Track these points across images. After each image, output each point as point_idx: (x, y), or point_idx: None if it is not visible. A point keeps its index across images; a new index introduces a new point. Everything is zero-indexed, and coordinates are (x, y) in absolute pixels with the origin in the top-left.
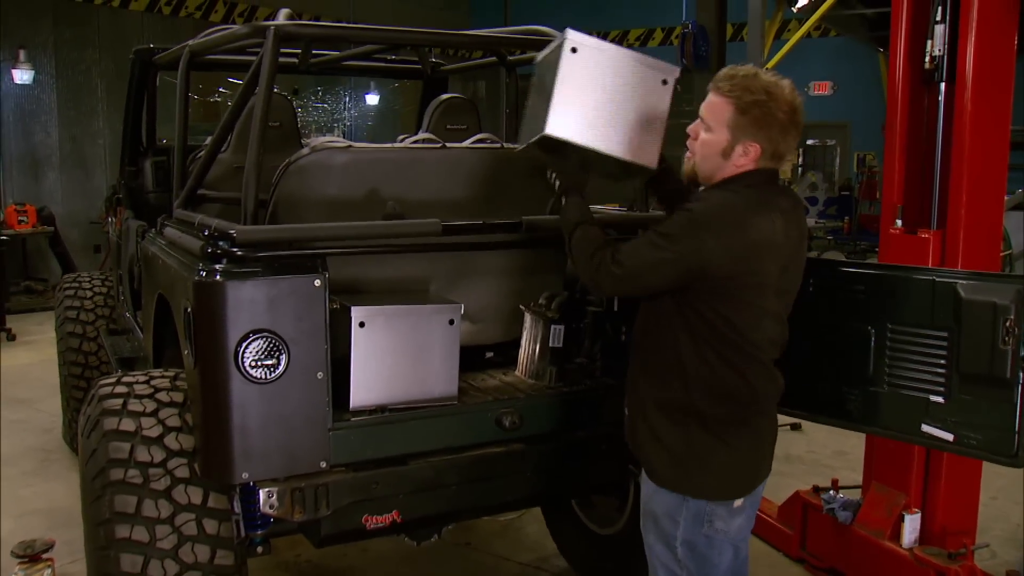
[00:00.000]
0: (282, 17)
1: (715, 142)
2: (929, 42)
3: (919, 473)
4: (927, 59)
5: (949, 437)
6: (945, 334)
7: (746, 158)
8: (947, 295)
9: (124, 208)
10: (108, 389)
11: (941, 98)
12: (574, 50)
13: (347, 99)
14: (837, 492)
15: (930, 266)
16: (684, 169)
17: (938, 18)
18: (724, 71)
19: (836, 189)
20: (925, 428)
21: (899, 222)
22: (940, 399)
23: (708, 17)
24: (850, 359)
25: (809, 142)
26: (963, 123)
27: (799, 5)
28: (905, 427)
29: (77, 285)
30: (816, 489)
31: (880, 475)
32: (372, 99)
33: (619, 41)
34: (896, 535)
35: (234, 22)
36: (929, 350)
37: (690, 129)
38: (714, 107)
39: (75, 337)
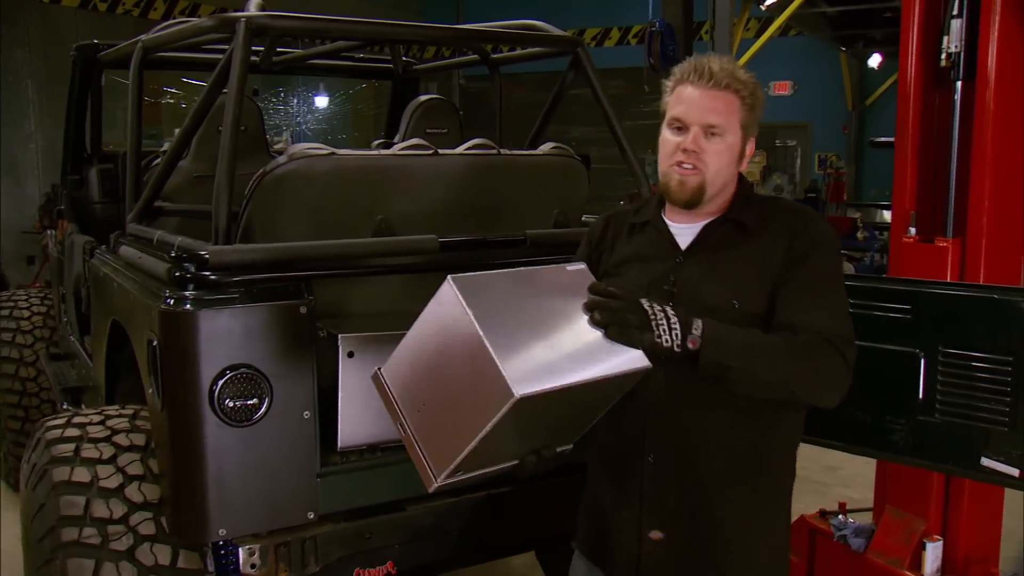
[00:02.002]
0: (253, 8)
1: (734, 146)
2: (945, 38)
3: (939, 497)
4: (943, 56)
5: (1014, 472)
6: (1010, 359)
7: (746, 159)
8: (1011, 315)
9: (67, 221)
10: (57, 432)
11: (957, 97)
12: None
13: (297, 101)
14: (846, 516)
15: (949, 278)
16: (679, 191)
17: (955, 12)
18: (707, 64)
19: (802, 191)
20: (985, 462)
21: (912, 230)
22: (1003, 430)
23: (675, 15)
24: (895, 386)
25: (776, 143)
26: (984, 123)
27: (767, 3)
28: (961, 461)
29: (12, 304)
30: (823, 513)
31: (896, 499)
32: (322, 101)
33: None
34: (916, 564)
35: (174, 19)
36: (990, 376)
37: (692, 144)
38: (723, 108)
39: (10, 362)
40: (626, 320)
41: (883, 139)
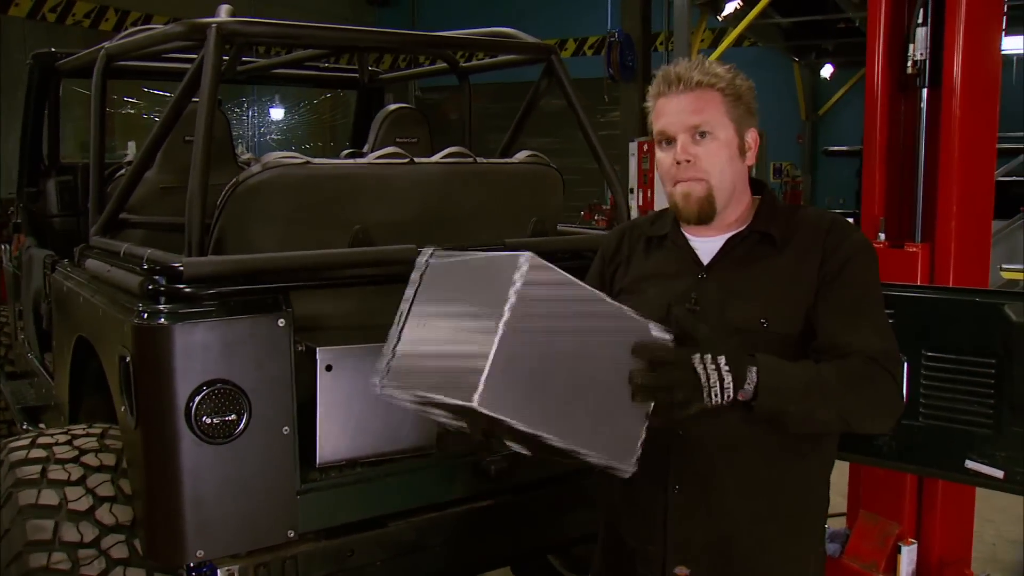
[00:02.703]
0: (224, 14)
1: (729, 142)
2: (911, 46)
3: (912, 500)
4: (909, 64)
5: (999, 474)
6: (992, 360)
7: (752, 152)
8: (993, 318)
9: (24, 234)
10: (21, 454)
11: (923, 104)
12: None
13: (252, 111)
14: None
15: (919, 282)
16: (686, 205)
17: (920, 20)
18: (676, 69)
19: None
20: (970, 464)
21: (882, 235)
22: (987, 432)
23: (634, 26)
24: None
25: None
26: (951, 130)
27: (724, 14)
28: (946, 464)
29: None
30: None
31: (869, 503)
32: (277, 113)
33: None
34: (891, 568)
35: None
36: (973, 379)
37: (682, 155)
38: (702, 106)
39: None
40: (671, 396)
41: (837, 148)
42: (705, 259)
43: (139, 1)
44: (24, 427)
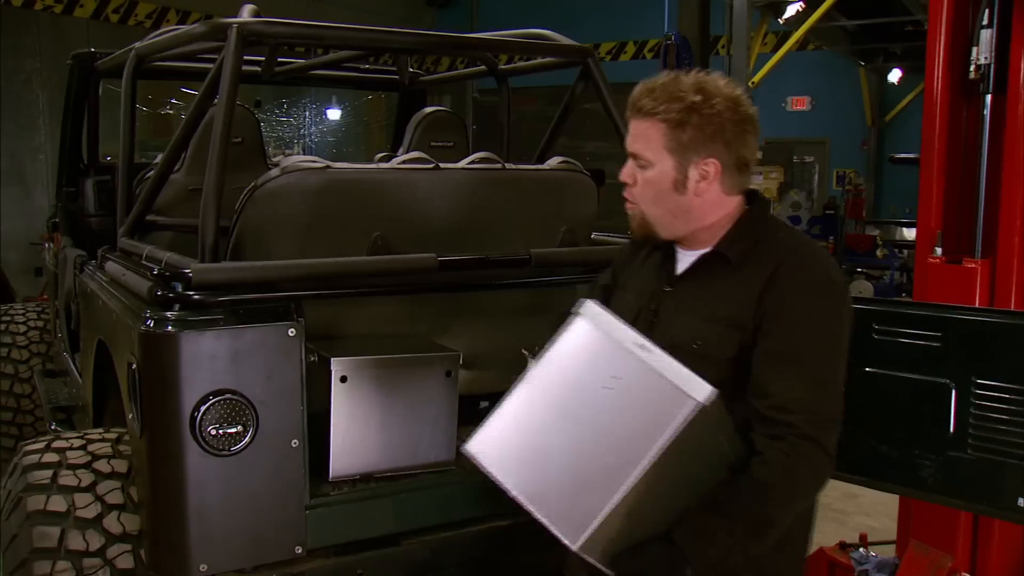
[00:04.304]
0: (247, 14)
1: (660, 177)
2: (974, 49)
3: (967, 531)
4: (972, 68)
5: None
6: None
7: (707, 182)
8: None
9: (61, 234)
10: (35, 457)
11: (987, 111)
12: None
13: (308, 113)
14: (867, 549)
15: (978, 302)
16: (632, 227)
17: (985, 22)
18: (637, 89)
19: (820, 208)
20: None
21: (939, 250)
22: None
23: (691, 28)
24: (923, 419)
25: (795, 159)
26: (1016, 138)
27: (786, 16)
28: (996, 501)
29: (9, 319)
30: (843, 546)
31: (920, 532)
32: (334, 113)
33: None
34: None
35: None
36: None
37: (624, 177)
38: (642, 135)
39: (5, 378)
40: None
41: (904, 155)
42: (679, 272)
43: (200, 2)
44: (53, 427)
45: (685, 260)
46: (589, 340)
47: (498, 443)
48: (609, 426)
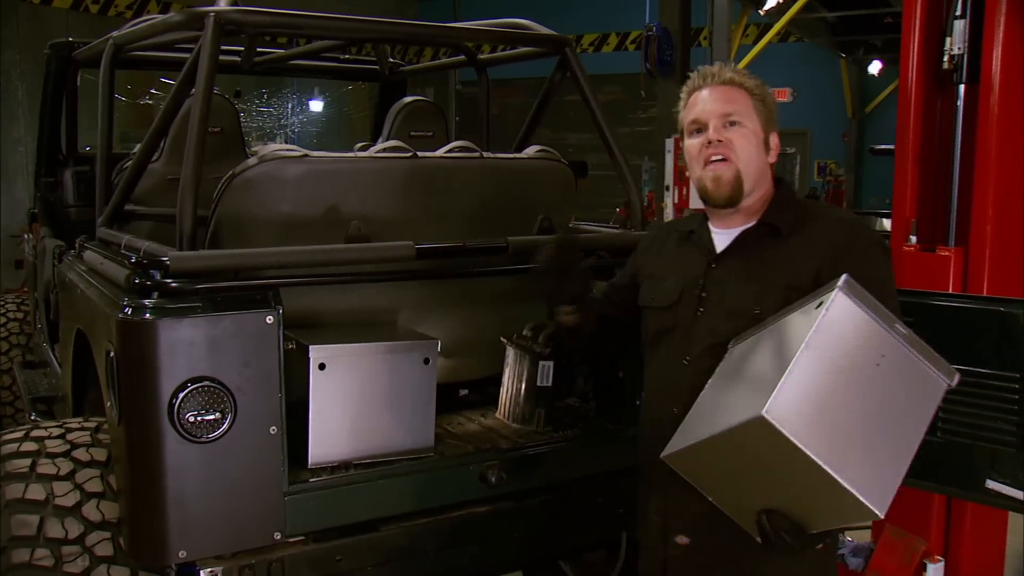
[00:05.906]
0: (224, 2)
1: (754, 135)
2: (947, 40)
3: (940, 516)
4: (945, 59)
5: (1021, 495)
6: (1017, 375)
7: (775, 151)
8: (1019, 330)
9: (40, 224)
10: (13, 446)
11: (960, 101)
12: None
13: (291, 104)
14: (844, 535)
15: (951, 289)
16: (717, 188)
17: (958, 12)
18: (709, 67)
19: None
20: (990, 485)
21: (913, 238)
22: (1010, 451)
23: (672, 20)
24: None
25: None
26: (989, 128)
27: (766, 8)
28: (965, 483)
29: None
30: None
31: (895, 517)
32: (316, 104)
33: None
34: None
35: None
36: (997, 394)
37: (714, 135)
38: (732, 99)
39: None
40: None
41: (883, 147)
42: (720, 249)
43: None
44: (33, 417)
45: (724, 238)
46: (855, 316)
47: (794, 409)
48: (883, 399)
